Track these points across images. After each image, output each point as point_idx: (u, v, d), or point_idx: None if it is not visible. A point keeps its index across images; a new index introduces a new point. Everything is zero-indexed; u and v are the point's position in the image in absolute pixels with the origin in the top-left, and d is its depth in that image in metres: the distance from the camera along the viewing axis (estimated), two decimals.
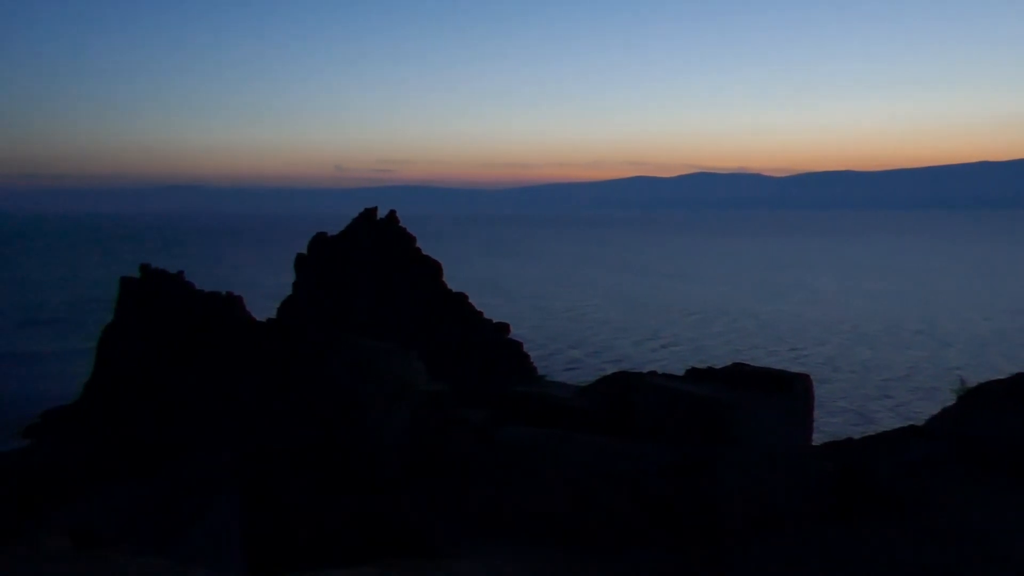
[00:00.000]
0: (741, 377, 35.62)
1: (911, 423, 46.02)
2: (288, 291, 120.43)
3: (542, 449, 29.86)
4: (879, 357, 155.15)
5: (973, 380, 42.69)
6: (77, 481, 74.86)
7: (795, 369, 40.43)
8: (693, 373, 38.10)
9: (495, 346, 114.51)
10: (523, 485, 29.10)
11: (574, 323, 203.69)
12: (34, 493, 68.29)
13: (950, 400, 42.00)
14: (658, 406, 32.94)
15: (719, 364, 40.78)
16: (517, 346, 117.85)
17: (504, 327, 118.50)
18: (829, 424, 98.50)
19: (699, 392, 32.63)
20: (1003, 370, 70.36)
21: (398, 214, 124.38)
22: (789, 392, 34.21)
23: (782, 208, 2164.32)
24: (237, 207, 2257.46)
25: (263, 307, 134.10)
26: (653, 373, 39.14)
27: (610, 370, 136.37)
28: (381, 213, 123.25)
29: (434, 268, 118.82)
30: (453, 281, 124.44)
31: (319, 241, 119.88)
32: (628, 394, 36.37)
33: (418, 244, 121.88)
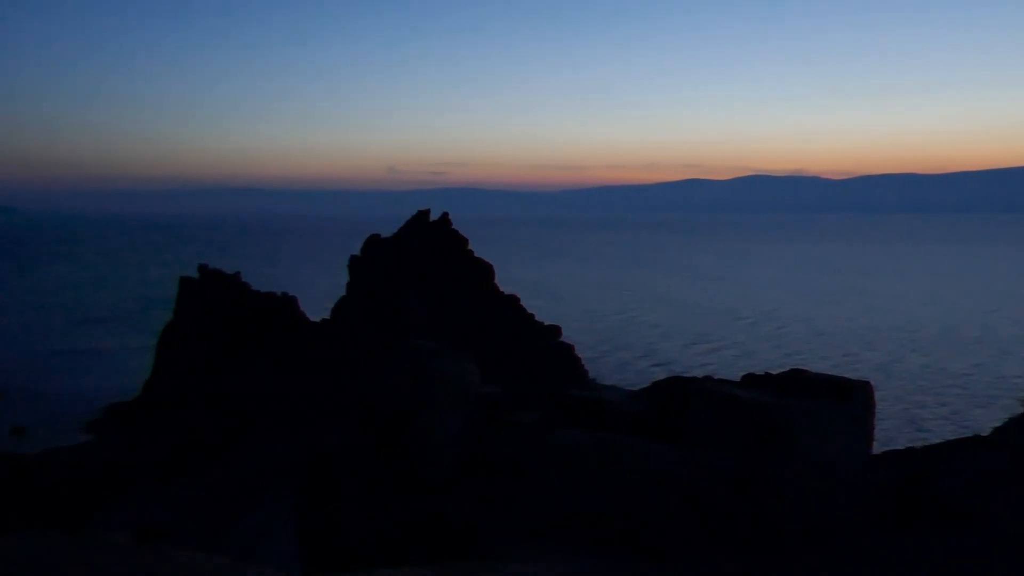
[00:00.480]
0: (800, 384, 34.87)
1: (968, 432, 44.76)
2: (342, 292, 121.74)
3: (595, 453, 29.57)
4: (935, 364, 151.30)
5: None
6: (137, 476, 76.53)
7: (848, 375, 39.46)
8: (749, 379, 37.40)
9: (546, 349, 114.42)
10: (575, 489, 28.88)
11: (624, 326, 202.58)
12: (96, 487, 69.94)
13: (1011, 410, 40.76)
14: (714, 412, 32.38)
15: (771, 369, 40.03)
16: (568, 349, 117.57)
17: (555, 330, 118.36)
18: (882, 432, 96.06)
19: (757, 398, 31.99)
20: None
21: (451, 216, 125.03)
22: (850, 400, 33.37)
23: (840, 212, 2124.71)
24: (293, 208, 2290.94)
25: (317, 308, 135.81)
26: (708, 378, 38.55)
27: (660, 374, 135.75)
28: (434, 215, 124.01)
29: (486, 270, 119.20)
30: (505, 283, 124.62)
31: (373, 243, 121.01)
32: (682, 399, 35.88)
33: (470, 246, 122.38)
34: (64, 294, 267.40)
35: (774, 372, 38.06)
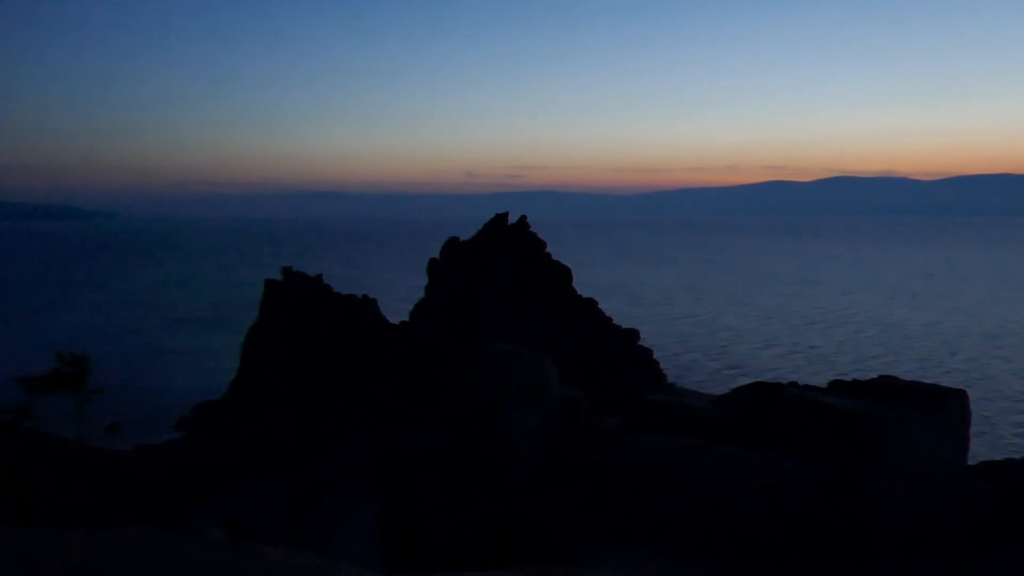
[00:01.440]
0: (890, 391, 33.72)
1: None
2: (421, 294, 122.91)
3: (678, 459, 29.13)
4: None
5: None
6: (224, 473, 78.70)
7: (938, 382, 37.94)
8: (837, 385, 36.33)
9: (624, 352, 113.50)
10: (658, 494, 28.50)
11: (703, 330, 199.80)
12: (185, 483, 72.11)
13: None
14: (800, 419, 31.52)
15: (857, 376, 38.76)
16: (647, 353, 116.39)
17: (634, 333, 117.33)
18: (974, 442, 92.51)
19: (847, 406, 31.01)
20: None
21: (528, 219, 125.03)
22: (944, 408, 32.10)
23: (931, 214, 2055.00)
24: (373, 212, 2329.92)
25: (397, 309, 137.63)
26: (793, 384, 37.57)
27: (740, 379, 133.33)
28: (512, 218, 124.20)
29: (564, 273, 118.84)
30: (583, 286, 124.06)
31: (451, 246, 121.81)
32: (767, 405, 35.06)
33: (548, 249, 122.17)
34: (157, 295, 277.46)
35: (861, 378, 36.95)
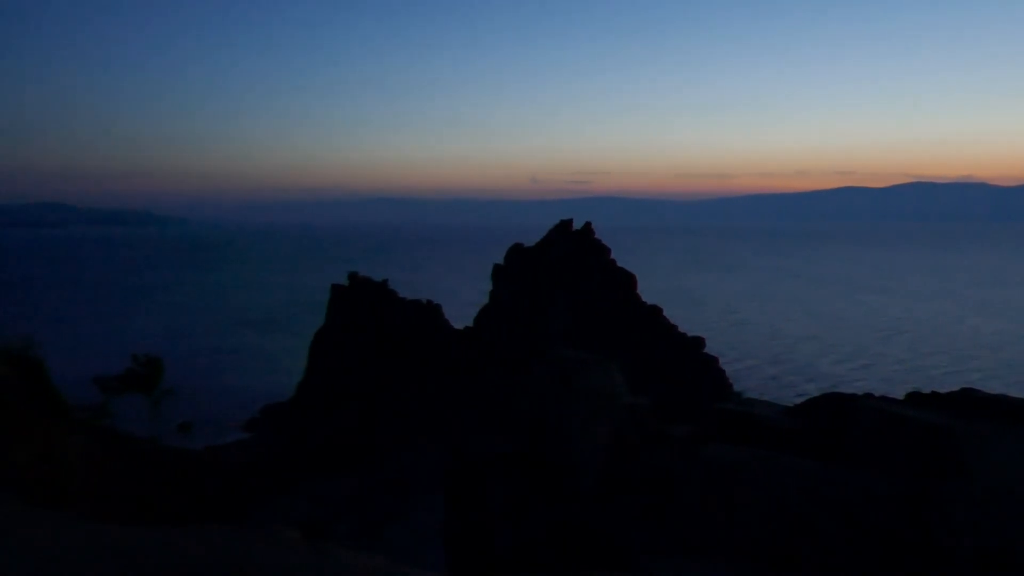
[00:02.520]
0: (971, 404, 32.40)
1: None
2: (485, 300, 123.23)
3: (749, 470, 28.40)
4: None
5: None
6: (289, 474, 79.88)
7: (1018, 394, 36.29)
8: (915, 397, 35.07)
9: (690, 360, 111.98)
10: (728, 506, 27.83)
11: (769, 338, 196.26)
12: (252, 483, 73.36)
13: None
14: (877, 431, 30.44)
15: (927, 386, 37.45)
16: (712, 361, 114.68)
17: (699, 341, 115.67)
18: None
19: (926, 419, 29.85)
20: None
21: (593, 225, 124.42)
22: None
23: (1013, 220, 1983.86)
24: (438, 218, 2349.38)
25: (461, 315, 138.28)
26: (869, 395, 36.36)
27: (810, 389, 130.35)
28: (576, 224, 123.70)
29: (628, 280, 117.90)
30: (648, 293, 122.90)
31: (515, 252, 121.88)
32: (841, 417, 34.02)
33: (612, 256, 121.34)
34: (226, 298, 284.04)
35: (937, 390, 35.63)
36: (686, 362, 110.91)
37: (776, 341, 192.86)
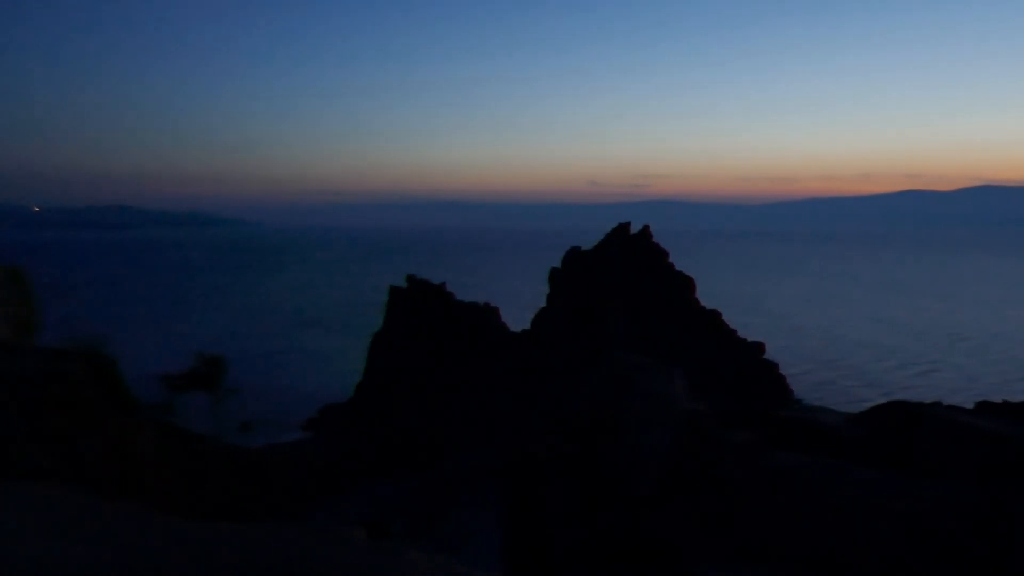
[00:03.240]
0: None
1: None
2: (542, 303, 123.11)
3: (812, 478, 27.88)
4: None
5: None
6: (347, 474, 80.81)
7: None
8: (985, 407, 34.12)
9: (750, 366, 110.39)
10: (791, 515, 27.35)
11: (831, 344, 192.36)
12: (310, 482, 74.40)
13: None
14: (947, 442, 29.65)
15: (998, 396, 36.31)
16: (772, 367, 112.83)
17: (759, 347, 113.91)
18: None
19: (998, 429, 29.00)
20: None
21: (651, 229, 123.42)
22: None
23: None
24: (495, 221, 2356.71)
25: (518, 318, 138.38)
26: (937, 404, 35.44)
27: (872, 396, 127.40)
28: (634, 228, 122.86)
29: (687, 284, 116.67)
30: (706, 297, 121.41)
31: (573, 255, 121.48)
32: (907, 426, 33.20)
33: (671, 259, 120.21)
34: (287, 299, 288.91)
35: (1009, 399, 34.58)
36: (745, 368, 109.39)
37: (834, 347, 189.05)
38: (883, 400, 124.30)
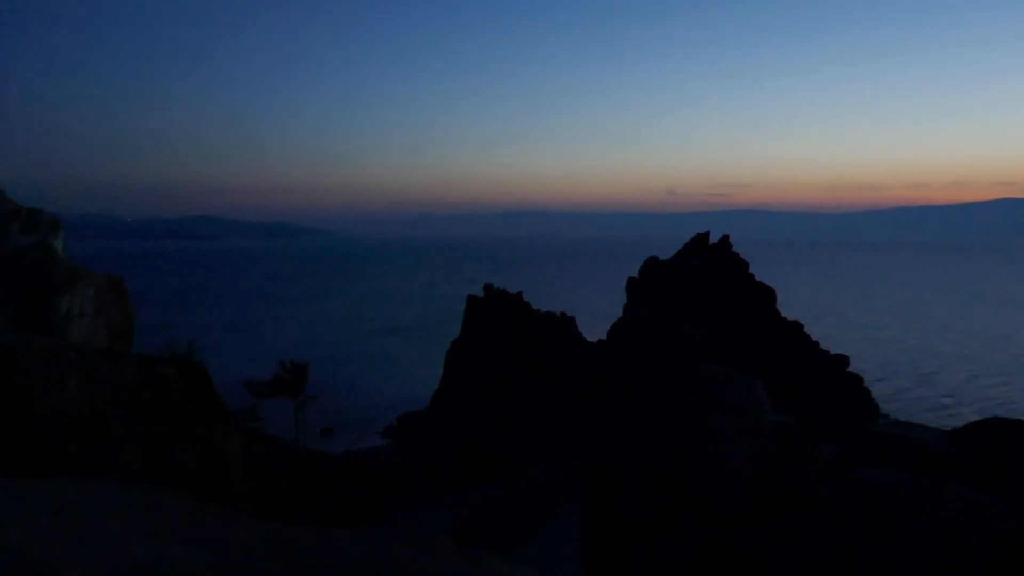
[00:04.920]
0: None
1: None
2: (619, 313, 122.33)
3: (906, 497, 26.90)
4: None
5: None
6: (424, 482, 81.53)
7: None
8: None
9: (834, 379, 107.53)
10: (882, 533, 26.43)
11: (919, 357, 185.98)
12: (390, 488, 75.28)
13: None
14: None
15: None
16: (857, 380, 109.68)
17: (843, 359, 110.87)
18: None
19: None
20: None
21: (732, 239, 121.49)
22: None
23: None
24: (573, 231, 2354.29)
25: (595, 328, 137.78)
26: None
27: (959, 411, 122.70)
28: (714, 238, 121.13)
29: (768, 295, 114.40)
30: (788, 309, 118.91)
31: (651, 265, 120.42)
32: (1006, 444, 31.80)
33: (751, 270, 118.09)
34: (367, 307, 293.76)
35: None
36: (829, 381, 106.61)
37: (923, 360, 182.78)
38: (969, 414, 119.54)
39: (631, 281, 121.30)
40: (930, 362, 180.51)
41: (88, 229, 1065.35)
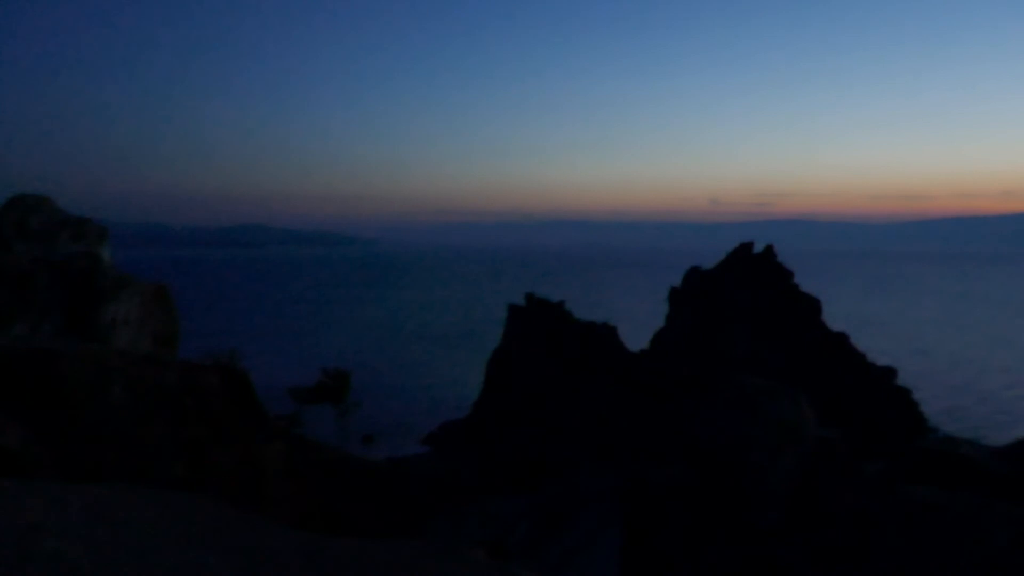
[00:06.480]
0: None
1: None
2: (661, 323, 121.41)
3: (955, 514, 26.17)
4: None
5: None
6: (463, 491, 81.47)
7: None
8: None
9: (880, 392, 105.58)
10: (929, 551, 25.74)
11: (967, 371, 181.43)
12: (428, 497, 75.32)
13: None
14: None
15: None
16: (904, 393, 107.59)
17: (890, 372, 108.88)
18: None
19: None
20: None
21: (776, 249, 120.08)
22: None
23: None
24: (614, 240, 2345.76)
25: (637, 338, 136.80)
26: None
27: (1011, 427, 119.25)
28: (757, 248, 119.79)
29: (812, 306, 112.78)
30: (833, 320, 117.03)
31: (693, 275, 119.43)
32: None
33: (795, 280, 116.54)
34: (410, 315, 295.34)
35: None
36: (875, 394, 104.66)
37: (973, 374, 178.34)
38: (1018, 428, 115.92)
39: (673, 291, 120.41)
40: (980, 376, 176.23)
41: (137, 237, 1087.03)
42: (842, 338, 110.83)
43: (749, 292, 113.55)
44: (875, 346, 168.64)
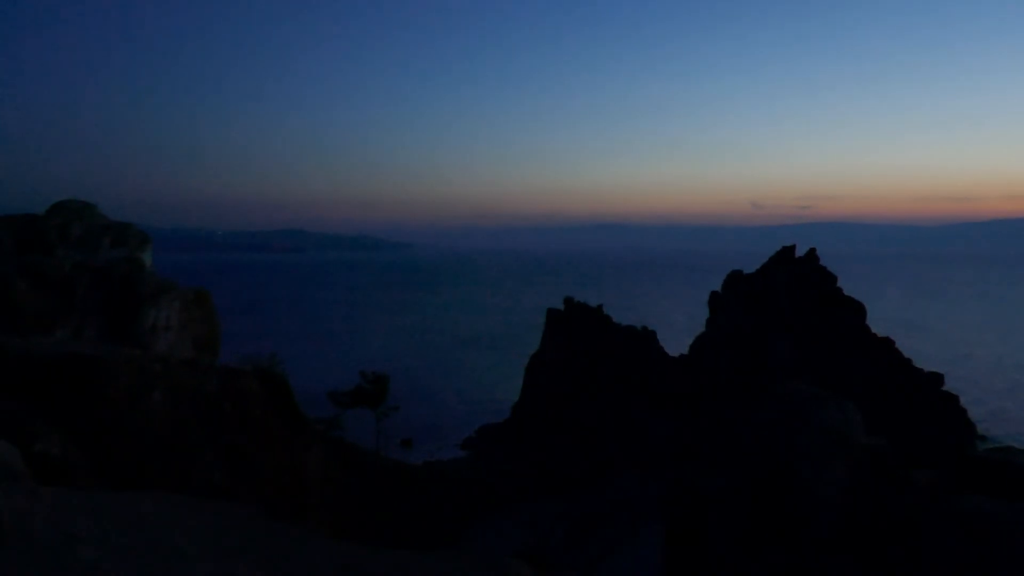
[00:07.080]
0: None
1: None
2: (701, 327, 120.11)
3: (1011, 525, 25.26)
4: None
5: None
6: (501, 495, 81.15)
7: None
8: None
9: (928, 398, 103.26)
10: (985, 562, 24.86)
11: (1017, 376, 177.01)
12: (469, 501, 75.11)
13: None
14: None
15: None
16: (952, 399, 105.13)
17: (937, 377, 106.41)
18: None
19: None
20: None
21: (818, 252, 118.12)
22: None
23: None
24: (654, 243, 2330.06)
25: (677, 342, 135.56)
26: None
27: None
28: (800, 251, 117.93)
29: (857, 310, 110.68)
30: (878, 324, 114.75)
31: (734, 279, 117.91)
32: None
33: (839, 284, 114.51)
34: (448, 319, 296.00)
35: None
36: (923, 400, 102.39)
37: (1010, 376, 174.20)
38: None
39: (714, 295, 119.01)
40: (1019, 379, 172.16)
41: (179, 242, 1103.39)
42: (888, 343, 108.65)
43: (792, 297, 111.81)
44: (923, 351, 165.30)
